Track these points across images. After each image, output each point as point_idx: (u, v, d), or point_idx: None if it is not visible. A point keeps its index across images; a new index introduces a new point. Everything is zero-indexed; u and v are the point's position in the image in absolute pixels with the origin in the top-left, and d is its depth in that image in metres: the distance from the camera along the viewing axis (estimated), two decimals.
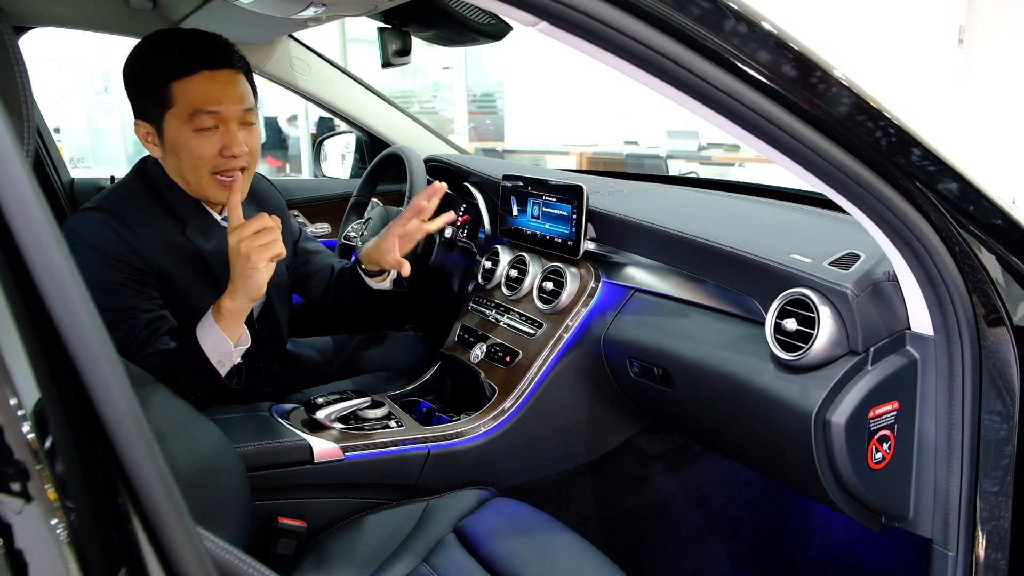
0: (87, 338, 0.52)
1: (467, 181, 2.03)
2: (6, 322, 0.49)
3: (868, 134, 0.89)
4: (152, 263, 1.38)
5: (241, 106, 1.40)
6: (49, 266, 0.50)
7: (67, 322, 0.51)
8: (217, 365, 1.35)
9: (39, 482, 0.48)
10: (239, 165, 1.42)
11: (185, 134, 1.37)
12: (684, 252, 1.40)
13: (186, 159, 1.39)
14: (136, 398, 0.55)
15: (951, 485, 1.06)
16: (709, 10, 0.79)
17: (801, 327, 1.10)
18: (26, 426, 0.48)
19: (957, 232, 0.98)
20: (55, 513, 0.49)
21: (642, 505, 1.72)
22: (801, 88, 0.85)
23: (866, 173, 0.92)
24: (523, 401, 1.54)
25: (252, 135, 1.44)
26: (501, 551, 1.24)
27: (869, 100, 0.89)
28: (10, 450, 0.48)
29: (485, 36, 1.55)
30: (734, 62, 0.82)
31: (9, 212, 0.49)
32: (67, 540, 0.49)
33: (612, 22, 0.77)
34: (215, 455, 1.15)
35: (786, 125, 0.87)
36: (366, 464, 1.42)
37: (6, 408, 0.48)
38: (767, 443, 1.21)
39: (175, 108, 1.36)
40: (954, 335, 1.02)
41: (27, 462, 0.48)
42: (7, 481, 0.47)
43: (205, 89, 1.36)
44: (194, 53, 1.37)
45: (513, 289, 1.71)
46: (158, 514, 0.55)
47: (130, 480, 0.54)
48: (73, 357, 0.52)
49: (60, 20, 1.81)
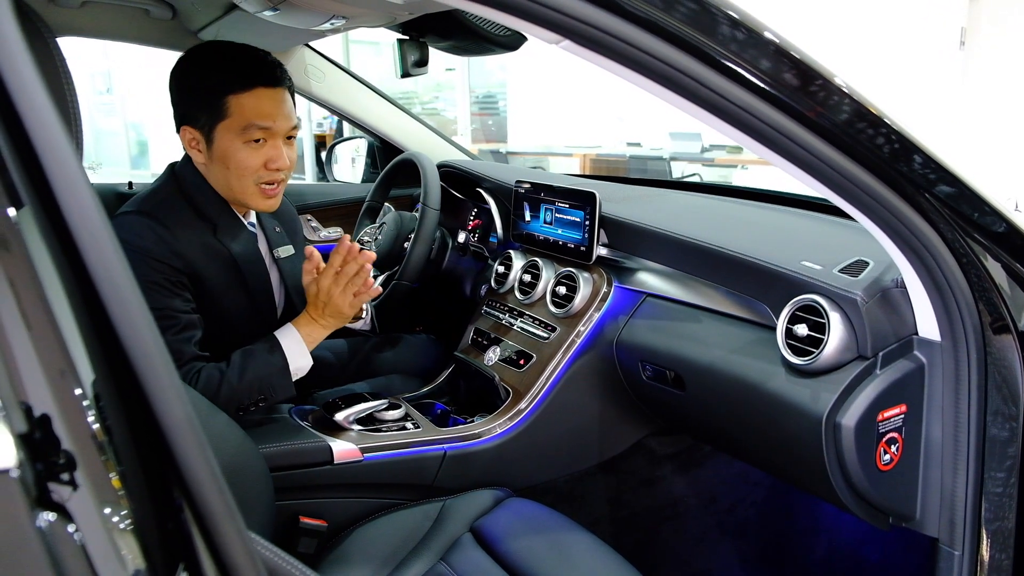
0: (148, 350, 0.54)
1: (479, 186, 2.06)
2: (67, 317, 0.51)
3: (873, 144, 0.92)
4: (188, 264, 1.43)
5: (289, 123, 1.47)
6: (108, 271, 0.53)
7: (128, 331, 0.54)
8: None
9: (104, 471, 0.50)
10: (280, 177, 1.49)
11: (236, 145, 1.43)
12: (696, 258, 1.43)
13: (233, 168, 1.45)
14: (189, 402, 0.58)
15: (957, 486, 1.09)
16: (729, 29, 0.82)
17: (812, 332, 1.13)
18: (91, 416, 0.50)
19: (963, 240, 1.00)
20: (119, 502, 0.51)
21: (653, 505, 1.75)
22: (813, 102, 0.88)
23: (876, 184, 0.94)
24: (537, 403, 1.57)
25: (293, 150, 1.51)
26: (517, 550, 1.27)
27: (883, 115, 0.92)
28: (76, 438, 0.49)
29: (501, 47, 1.58)
30: (750, 78, 0.85)
31: (72, 220, 0.52)
32: (130, 529, 0.51)
33: (633, 40, 0.80)
34: (241, 455, 1.18)
35: (800, 139, 0.89)
36: (384, 465, 1.45)
37: (71, 397, 0.50)
38: (778, 445, 1.24)
39: (229, 120, 1.41)
40: (960, 341, 1.05)
41: (93, 451, 0.50)
42: (72, 468, 0.49)
43: (260, 105, 1.42)
44: (252, 70, 1.42)
45: (526, 293, 1.75)
46: (212, 512, 0.57)
47: (185, 479, 0.57)
48: (133, 365, 0.55)
49: (84, 30, 1.86)
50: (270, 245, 1.66)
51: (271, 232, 1.67)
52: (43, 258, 0.51)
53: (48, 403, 0.49)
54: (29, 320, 0.49)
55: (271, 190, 1.49)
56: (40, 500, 0.48)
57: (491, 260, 1.95)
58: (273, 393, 1.44)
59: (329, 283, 1.47)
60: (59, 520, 0.48)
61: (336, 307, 1.48)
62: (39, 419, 0.49)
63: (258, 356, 1.44)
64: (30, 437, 0.48)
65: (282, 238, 1.68)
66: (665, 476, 1.75)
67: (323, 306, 1.49)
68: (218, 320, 1.48)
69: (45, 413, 0.49)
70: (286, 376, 1.45)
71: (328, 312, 1.49)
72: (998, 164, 5.21)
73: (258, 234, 1.63)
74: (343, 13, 1.33)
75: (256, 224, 1.63)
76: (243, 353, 1.44)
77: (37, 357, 0.49)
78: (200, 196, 1.49)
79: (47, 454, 0.49)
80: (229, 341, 1.46)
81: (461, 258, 2.04)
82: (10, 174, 0.51)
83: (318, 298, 1.49)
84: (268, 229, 1.67)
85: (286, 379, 1.46)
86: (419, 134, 2.38)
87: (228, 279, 1.51)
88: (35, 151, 0.52)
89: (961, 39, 6.11)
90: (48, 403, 0.49)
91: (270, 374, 1.43)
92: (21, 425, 0.48)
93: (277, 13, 1.31)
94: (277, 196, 1.51)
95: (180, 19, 1.83)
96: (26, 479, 0.48)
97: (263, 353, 1.44)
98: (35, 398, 0.49)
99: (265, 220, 1.67)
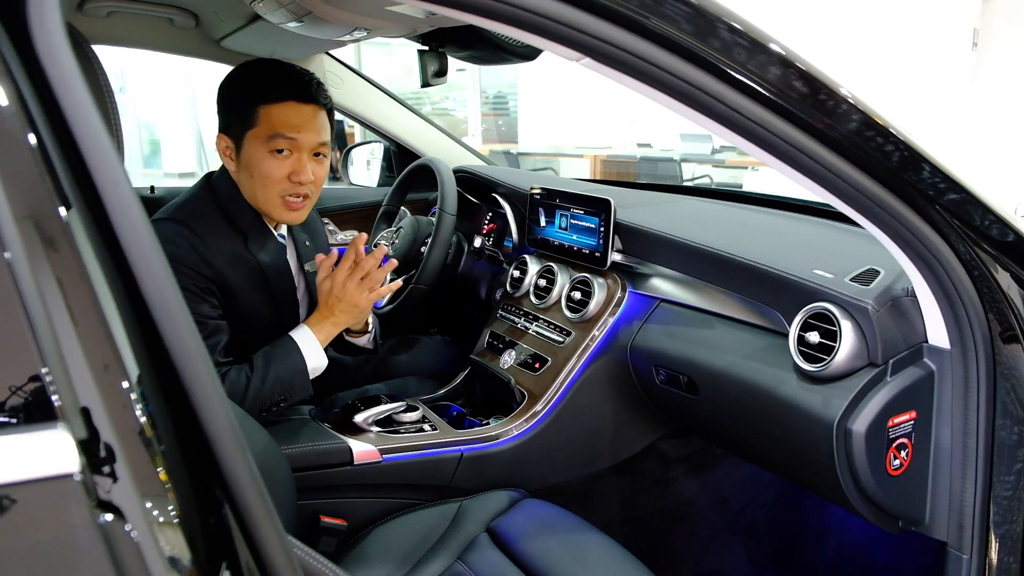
0: (191, 353, 0.57)
1: (495, 192, 2.09)
2: (112, 313, 0.53)
3: (883, 155, 0.94)
4: (217, 273, 1.46)
5: (317, 138, 1.49)
6: (152, 274, 0.55)
7: (172, 336, 0.56)
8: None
9: (152, 465, 0.52)
10: (304, 192, 1.51)
11: (260, 154, 1.46)
12: (709, 265, 1.45)
13: (257, 177, 1.48)
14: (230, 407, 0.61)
15: (966, 491, 1.11)
16: (746, 46, 0.85)
17: (823, 340, 1.15)
18: (138, 410, 0.52)
19: (972, 250, 1.02)
20: (166, 494, 0.53)
21: (665, 506, 1.78)
22: (823, 114, 0.90)
23: (886, 195, 0.96)
24: (552, 406, 1.59)
25: (321, 167, 1.52)
26: (533, 550, 1.29)
27: (891, 126, 0.94)
28: (124, 432, 0.52)
29: (518, 57, 1.60)
30: (766, 94, 0.87)
31: (116, 220, 0.55)
32: (176, 522, 0.53)
33: (652, 59, 0.82)
34: (267, 456, 1.21)
35: (813, 152, 0.91)
36: (403, 466, 1.48)
37: (120, 391, 0.52)
38: (790, 450, 1.27)
39: (257, 129, 1.45)
40: (970, 349, 1.07)
41: (141, 444, 0.52)
42: (118, 460, 0.51)
43: (288, 116, 1.45)
44: (287, 84, 1.46)
45: (541, 298, 1.77)
46: (252, 514, 0.60)
47: (227, 481, 0.59)
48: (177, 368, 0.57)
49: (110, 39, 1.89)
50: (300, 259, 1.69)
51: (301, 246, 1.70)
52: (90, 258, 0.53)
53: (97, 403, 0.51)
54: (76, 317, 0.51)
55: (296, 203, 1.51)
56: (99, 501, 0.51)
57: (506, 264, 1.98)
58: (293, 393, 1.48)
59: (345, 276, 1.50)
60: (116, 520, 0.52)
61: (351, 301, 1.51)
62: (93, 421, 0.52)
63: (278, 358, 1.47)
64: (88, 441, 0.51)
65: (311, 252, 1.71)
66: (677, 478, 1.77)
67: (336, 301, 1.51)
68: (243, 328, 1.51)
69: (96, 412, 0.51)
70: (305, 376, 1.49)
71: (341, 307, 1.51)
72: (1010, 166, 5.19)
73: (288, 247, 1.66)
74: (365, 26, 1.35)
75: (287, 236, 1.66)
76: (264, 355, 1.47)
77: (84, 355, 0.51)
78: (233, 206, 1.53)
79: (101, 454, 0.52)
80: (251, 349, 1.49)
81: (476, 262, 2.07)
82: (59, 176, 0.54)
83: (331, 293, 1.51)
84: (299, 243, 1.69)
85: (305, 379, 1.49)
86: (435, 139, 2.41)
87: (255, 289, 1.54)
88: (82, 155, 0.55)
89: (973, 40, 6.09)
90: (97, 403, 0.51)
91: (291, 375, 1.46)
92: (81, 431, 0.51)
93: (301, 25, 1.34)
94: (302, 210, 1.53)
95: (203, 28, 1.86)
96: (87, 482, 0.51)
97: (282, 354, 1.47)
98: (86, 398, 0.51)
99: (296, 233, 1.70)
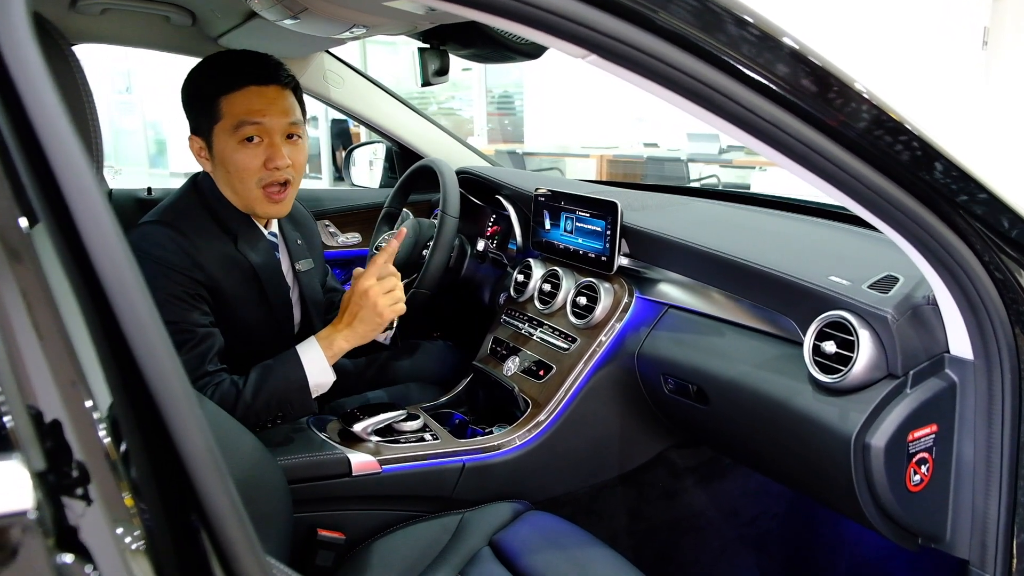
0: (165, 374, 0.53)
1: (498, 193, 2.05)
2: (80, 331, 0.49)
3: (901, 155, 0.90)
4: (209, 275, 1.42)
5: (286, 119, 1.44)
6: (123, 286, 0.51)
7: (145, 355, 0.52)
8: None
9: (116, 487, 0.49)
10: (283, 178, 1.45)
11: (231, 146, 1.42)
12: (720, 270, 1.41)
13: (233, 171, 1.43)
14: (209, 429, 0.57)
15: (989, 508, 1.07)
16: (759, 42, 0.81)
17: (840, 350, 1.11)
18: (102, 430, 0.49)
19: (998, 257, 0.98)
20: (131, 520, 0.49)
21: (674, 518, 1.74)
22: (840, 113, 0.86)
23: (906, 198, 0.92)
24: (557, 414, 1.55)
25: (297, 150, 1.47)
26: (536, 565, 1.25)
27: (910, 125, 0.90)
28: (85, 453, 0.48)
29: (522, 55, 1.56)
30: (780, 92, 0.83)
31: (84, 229, 0.51)
32: (143, 549, 0.49)
33: (663, 56, 0.79)
34: (259, 468, 1.18)
35: (830, 153, 0.88)
36: (403, 477, 1.44)
37: (82, 411, 0.48)
38: (804, 463, 1.22)
39: (222, 122, 1.41)
40: (994, 360, 1.03)
41: (102, 466, 0.49)
42: (80, 484, 0.48)
43: (250, 102, 1.41)
44: (243, 70, 1.42)
45: (546, 303, 1.73)
46: (231, 541, 0.56)
47: (203, 508, 0.55)
48: (150, 390, 0.53)
49: (105, 37, 1.86)
50: (291, 258, 1.64)
51: (292, 244, 1.65)
52: (56, 272, 0.50)
53: (60, 428, 0.48)
54: (41, 334, 0.48)
55: (276, 193, 1.46)
56: (58, 540, 0.47)
57: (510, 268, 1.94)
58: (292, 410, 1.41)
59: (371, 284, 1.42)
60: (77, 561, 0.47)
61: (376, 310, 1.42)
62: (53, 448, 0.47)
63: (276, 372, 1.40)
64: (46, 472, 0.47)
65: (303, 251, 1.67)
66: (686, 488, 1.73)
67: (357, 311, 1.43)
68: (236, 332, 1.46)
69: (57, 438, 0.48)
70: (305, 393, 1.42)
71: (361, 317, 1.43)
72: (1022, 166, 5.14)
73: (279, 245, 1.62)
74: (364, 22, 1.32)
75: (277, 235, 1.62)
76: (261, 369, 1.41)
77: (51, 375, 0.48)
78: (220, 206, 1.48)
79: (62, 486, 0.48)
80: (246, 353, 1.45)
81: (480, 266, 2.03)
82: (24, 187, 0.50)
83: (352, 301, 1.44)
84: (290, 241, 1.65)
85: (305, 396, 1.42)
86: (438, 139, 2.37)
87: (247, 291, 1.50)
88: (49, 164, 0.51)
89: (984, 39, 6.04)
90: (60, 428, 0.48)
91: (288, 391, 1.40)
92: (39, 462, 0.47)
93: (298, 22, 1.30)
94: (285, 200, 1.48)
95: (200, 26, 1.82)
96: (44, 519, 0.46)
97: (281, 369, 1.41)
98: (48, 423, 0.47)
99: (287, 231, 1.65)
